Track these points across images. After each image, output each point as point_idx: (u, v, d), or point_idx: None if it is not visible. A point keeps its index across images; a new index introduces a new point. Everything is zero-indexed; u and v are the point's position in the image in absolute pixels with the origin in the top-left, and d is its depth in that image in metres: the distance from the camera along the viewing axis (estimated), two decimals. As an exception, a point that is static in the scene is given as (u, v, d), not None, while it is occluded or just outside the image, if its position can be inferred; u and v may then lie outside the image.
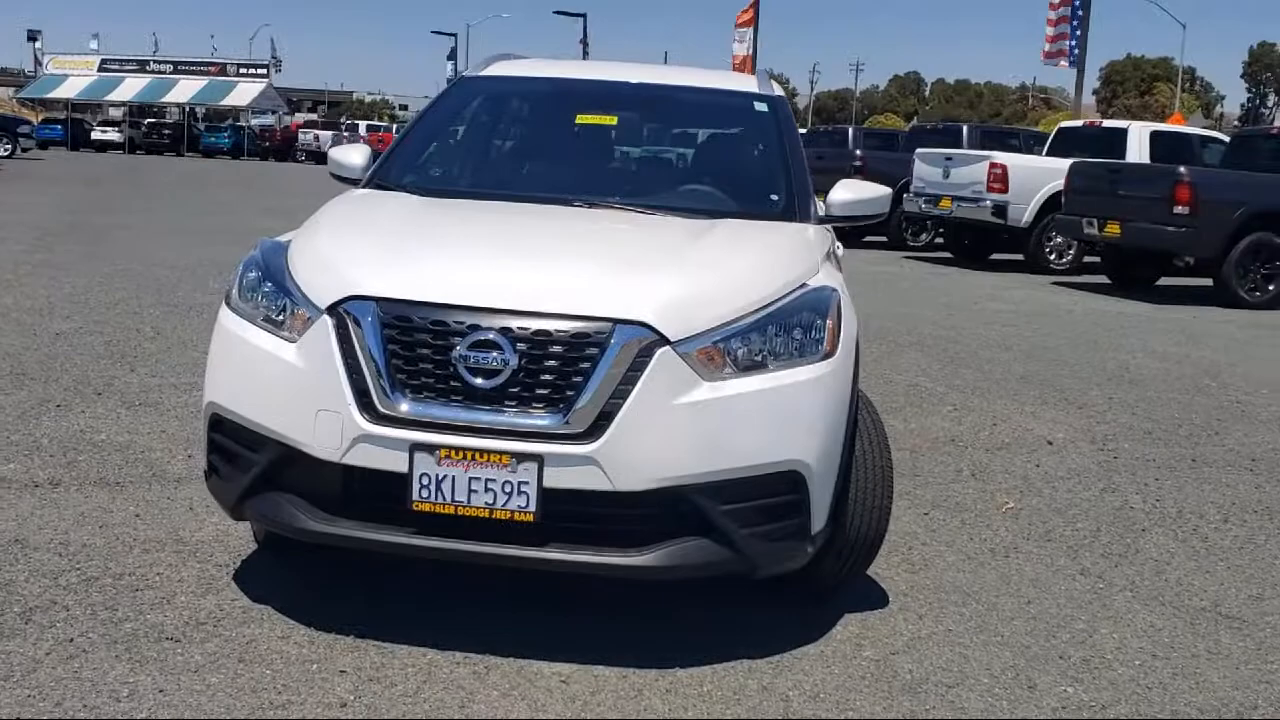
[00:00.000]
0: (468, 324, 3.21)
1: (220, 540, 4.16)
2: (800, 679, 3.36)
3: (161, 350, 7.43)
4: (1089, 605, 4.07)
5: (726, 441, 3.24)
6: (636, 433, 3.15)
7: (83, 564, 3.86)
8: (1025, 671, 3.51)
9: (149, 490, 4.67)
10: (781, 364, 3.37)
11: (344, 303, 3.30)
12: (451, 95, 4.95)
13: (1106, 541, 4.79)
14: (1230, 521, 5.18)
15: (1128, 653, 3.70)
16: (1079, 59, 27.43)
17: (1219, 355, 10.04)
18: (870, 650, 3.59)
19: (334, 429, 3.22)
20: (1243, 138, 17.24)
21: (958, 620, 3.87)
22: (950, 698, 3.31)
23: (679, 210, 4.19)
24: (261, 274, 3.62)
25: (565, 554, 3.21)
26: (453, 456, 3.16)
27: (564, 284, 3.34)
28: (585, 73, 5.10)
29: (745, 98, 4.88)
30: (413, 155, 4.67)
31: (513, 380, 3.18)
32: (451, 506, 3.18)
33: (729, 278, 3.53)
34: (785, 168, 4.51)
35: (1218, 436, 6.86)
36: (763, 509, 3.31)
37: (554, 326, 3.20)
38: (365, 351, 3.23)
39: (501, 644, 3.43)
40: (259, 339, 3.45)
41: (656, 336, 3.20)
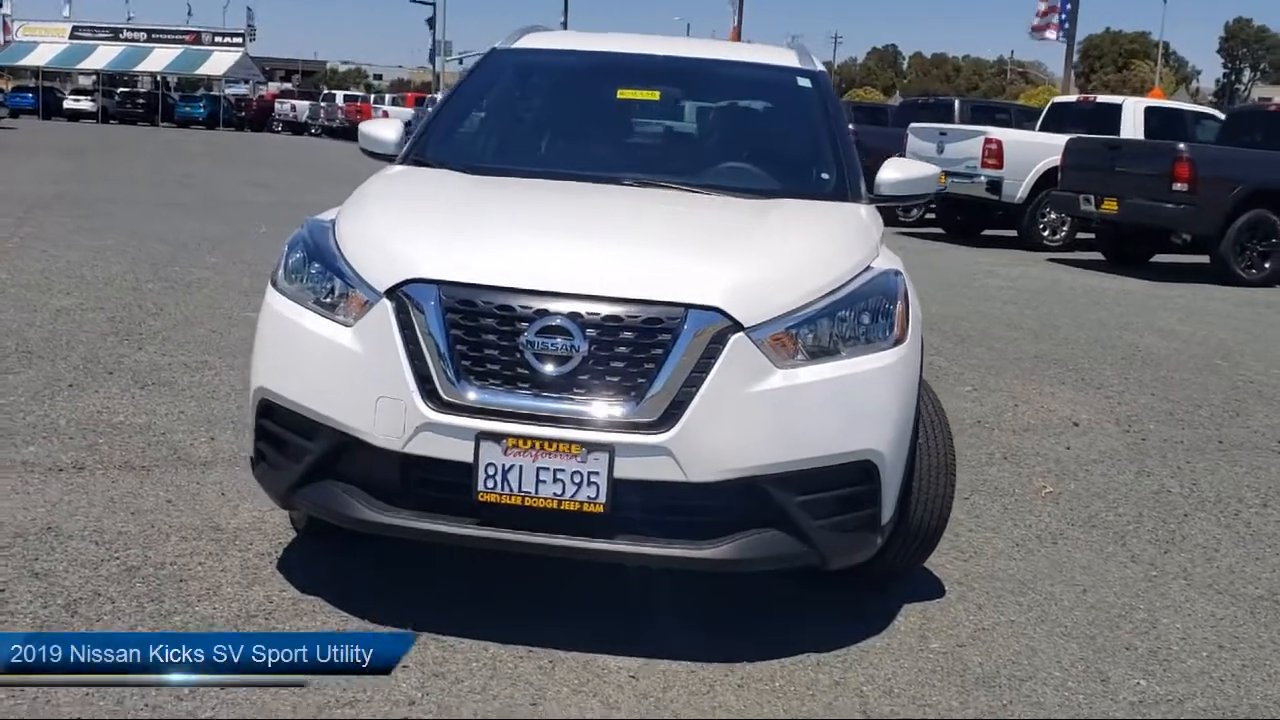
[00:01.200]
0: (535, 308, 3.09)
1: (258, 528, 4.04)
2: (871, 673, 3.29)
3: (167, 328, 7.26)
4: (1146, 594, 4.01)
5: (800, 431, 3.14)
6: (710, 422, 3.05)
7: (121, 553, 3.74)
8: (1095, 664, 3.45)
9: (176, 474, 4.54)
10: (853, 351, 3.27)
11: (404, 285, 3.17)
12: (484, 69, 4.79)
13: (1151, 527, 4.73)
14: (1270, 506, 5.13)
15: (1194, 643, 3.64)
16: (1069, 32, 27.40)
17: (1226, 334, 10.02)
18: (936, 642, 3.52)
19: (395, 417, 3.10)
20: (1239, 114, 17.25)
21: (1018, 610, 3.80)
22: (1025, 692, 3.25)
23: (732, 190, 4.08)
24: (309, 254, 3.49)
25: (634, 546, 3.11)
26: (520, 446, 3.05)
27: (633, 268, 3.23)
28: (620, 45, 4.96)
29: (788, 73, 4.76)
30: (450, 131, 4.52)
31: (582, 367, 3.07)
32: (518, 497, 3.07)
33: (798, 261, 3.43)
34: (834, 146, 4.40)
35: (1240, 418, 6.82)
36: (835, 500, 3.23)
37: (625, 312, 3.09)
38: (428, 337, 3.11)
39: (562, 638, 3.33)
40: (311, 322, 3.32)
41: (730, 322, 3.10)
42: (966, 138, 17.12)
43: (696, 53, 4.87)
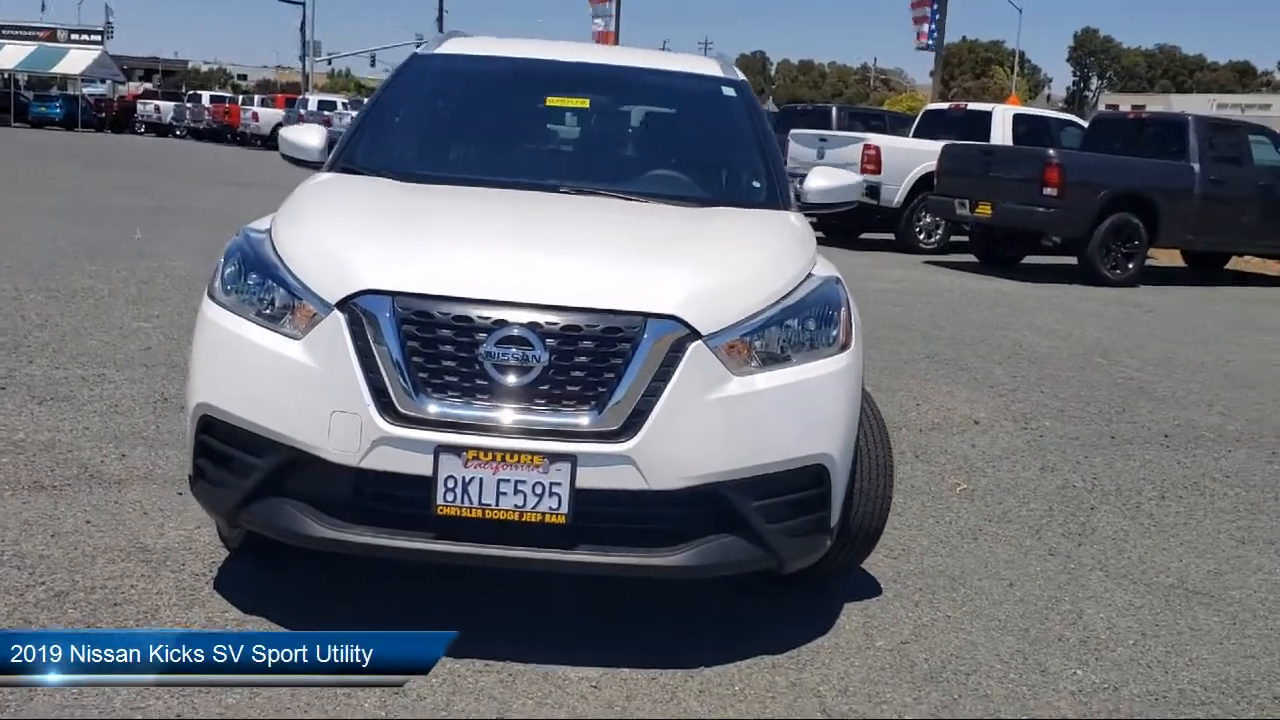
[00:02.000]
0: (493, 319, 3.07)
1: (188, 547, 3.92)
2: (825, 673, 3.36)
3: (55, 340, 6.96)
4: (1067, 586, 4.18)
5: (758, 437, 3.19)
6: (671, 430, 3.07)
7: (46, 578, 3.59)
8: (1032, 655, 3.58)
9: (91, 494, 4.37)
10: (803, 357, 3.33)
11: (356, 297, 3.12)
12: (407, 74, 4.73)
13: (1062, 521, 4.93)
14: (1167, 497, 5.39)
15: (1119, 632, 3.81)
16: (938, 40, 28.32)
17: (1100, 333, 10.45)
18: (881, 640, 3.61)
19: (350, 431, 3.05)
20: (1102, 121, 17.99)
21: (952, 606, 3.92)
22: (972, 685, 3.35)
23: (667, 198, 4.12)
24: (249, 265, 3.40)
25: (596, 556, 3.12)
26: (481, 458, 3.02)
27: (591, 277, 3.24)
28: (544, 52, 4.94)
29: (712, 81, 4.82)
30: (378, 138, 4.45)
31: (542, 377, 3.06)
32: (479, 510, 3.05)
33: (747, 270, 3.48)
34: (763, 154, 4.48)
35: (1126, 414, 7.13)
36: (789, 504, 3.28)
37: (584, 321, 3.10)
38: (383, 349, 3.06)
39: (518, 650, 3.31)
40: (256, 335, 3.24)
41: (688, 331, 3.13)
42: (846, 144, 17.49)
43: (621, 60, 4.90)
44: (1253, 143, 15.72)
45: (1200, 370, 8.83)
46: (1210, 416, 7.19)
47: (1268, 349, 10.21)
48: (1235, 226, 15.31)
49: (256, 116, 41.58)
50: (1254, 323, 12.13)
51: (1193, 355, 9.53)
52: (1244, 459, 6.18)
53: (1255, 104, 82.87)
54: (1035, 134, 18.22)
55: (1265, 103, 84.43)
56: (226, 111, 43.57)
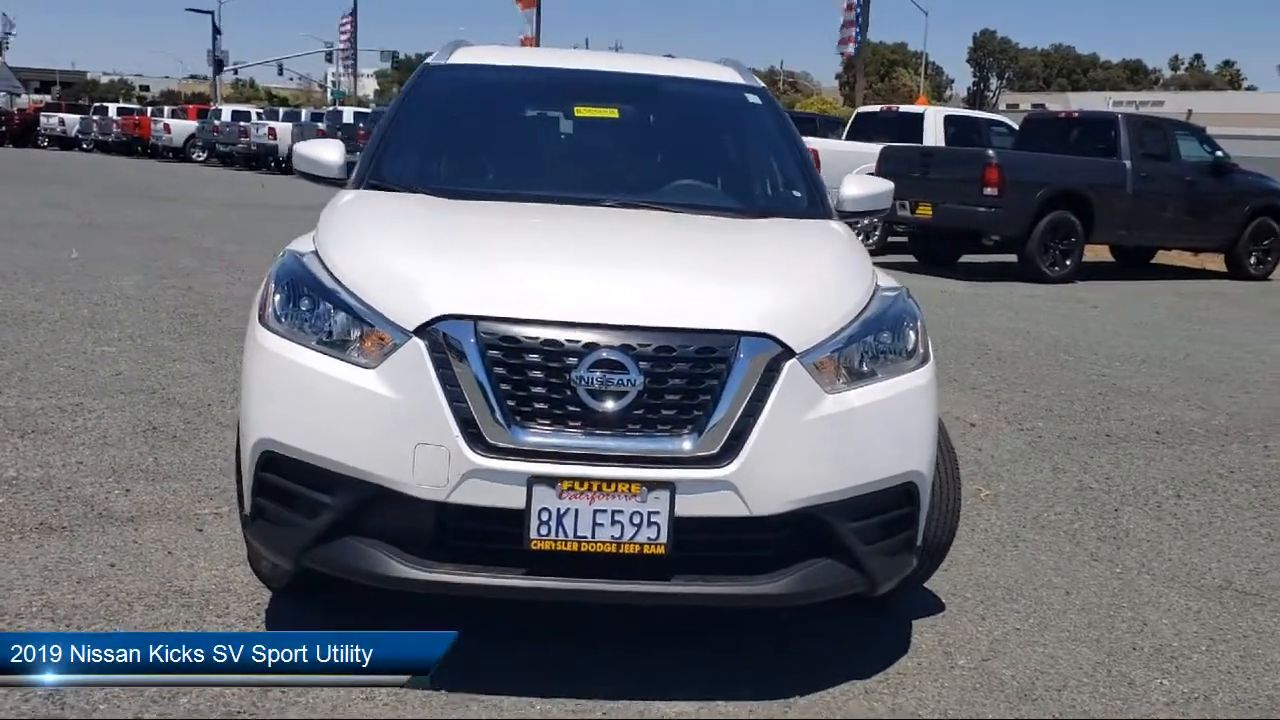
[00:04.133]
0: (583, 342, 2.93)
1: (226, 588, 3.70)
2: (919, 696, 3.27)
3: (19, 368, 6.59)
4: (1122, 592, 4.15)
5: (855, 456, 3.09)
6: (771, 452, 2.95)
7: (85, 629, 3.34)
8: (1114, 667, 3.53)
9: (105, 534, 4.11)
10: (887, 373, 3.24)
11: (436, 323, 2.95)
12: (425, 87, 4.53)
13: (1093, 524, 4.92)
14: (1183, 496, 5.42)
15: (1188, 639, 3.78)
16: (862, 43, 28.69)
17: (1055, 330, 10.57)
18: (963, 659, 3.53)
19: (437, 465, 2.88)
20: (1033, 121, 18.28)
21: (1018, 618, 3.86)
22: (1066, 701, 3.29)
23: (716, 210, 4.01)
24: (303, 289, 3.20)
25: (696, 586, 2.99)
26: (576, 488, 2.88)
27: (679, 295, 3.11)
28: (561, 61, 4.80)
29: (735, 90, 4.71)
30: (405, 153, 4.25)
31: (637, 402, 2.92)
32: (575, 543, 2.90)
33: (827, 284, 3.38)
34: (798, 162, 4.39)
35: (1111, 411, 7.19)
36: (882, 524, 3.19)
37: (678, 342, 2.96)
38: (469, 377, 2.90)
39: (595, 686, 3.18)
40: (322, 365, 3.04)
41: (782, 349, 3.01)
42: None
43: (642, 69, 4.76)
44: (1179, 139, 16.12)
45: (1165, 364, 8.96)
46: (1192, 411, 7.28)
47: (1219, 341, 10.42)
48: (1164, 222, 15.66)
49: (168, 128, 40.36)
50: (1195, 315, 12.39)
51: (1152, 349, 9.68)
52: (1241, 454, 6.25)
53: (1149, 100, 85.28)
54: (965, 135, 18.46)
55: (1158, 99, 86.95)
56: (136, 124, 42.19)
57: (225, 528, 4.21)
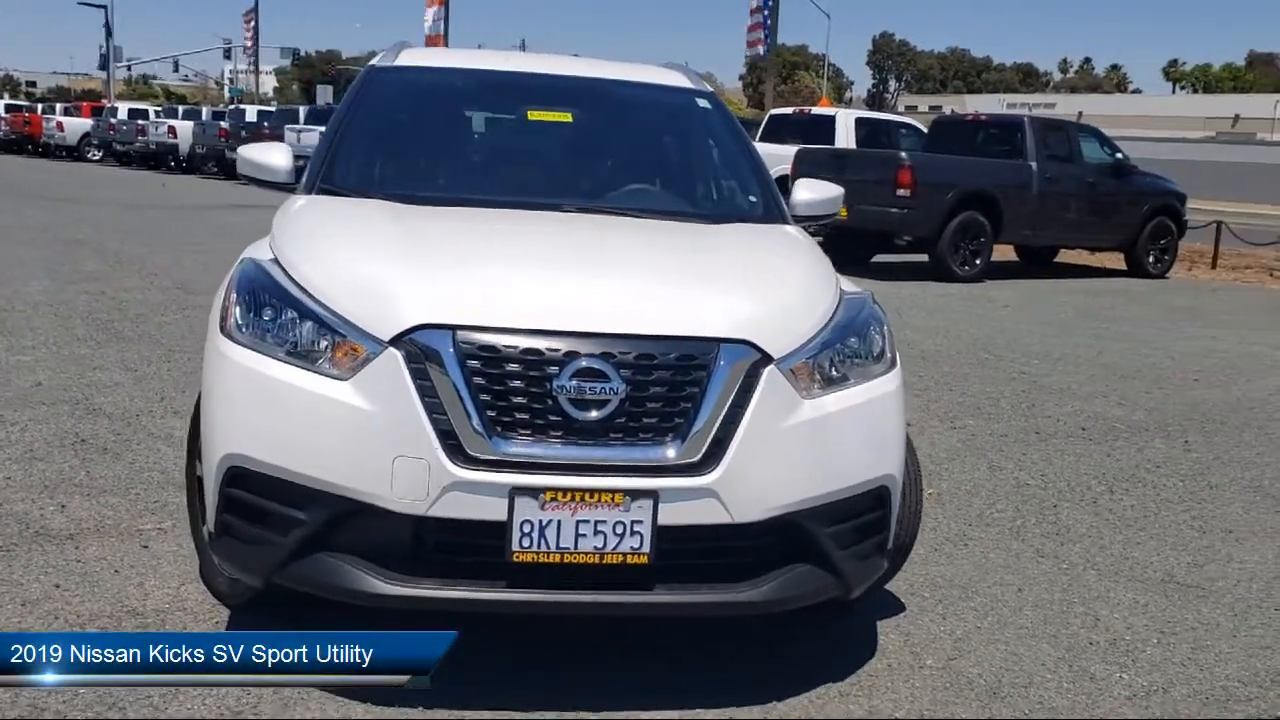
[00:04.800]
0: (564, 350, 2.89)
1: (180, 607, 3.58)
2: (894, 698, 3.30)
3: (-73, 378, 6.33)
4: (1071, 588, 4.25)
5: (832, 462, 3.11)
6: (752, 459, 2.95)
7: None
8: (1074, 662, 3.61)
9: (45, 553, 3.95)
10: (859, 377, 3.27)
11: (412, 333, 2.89)
12: (373, 89, 4.42)
13: (1034, 521, 5.02)
14: (1115, 491, 5.56)
15: (1140, 632, 3.88)
16: (770, 44, 28.97)
17: (973, 328, 10.79)
18: (930, 659, 3.57)
19: (416, 478, 2.82)
20: (942, 124, 18.63)
21: (976, 616, 3.93)
22: (1035, 698, 3.35)
23: (675, 215, 4.01)
24: (266, 298, 3.11)
25: (678, 595, 2.98)
26: (559, 499, 2.84)
27: (657, 303, 3.09)
28: (506, 64, 4.74)
29: (686, 94, 4.71)
30: (358, 157, 4.16)
31: (619, 410, 2.90)
32: (557, 554, 2.87)
33: (797, 289, 3.40)
34: (752, 167, 4.40)
35: (1037, 408, 7.36)
36: (855, 528, 3.21)
37: (658, 349, 2.95)
38: (448, 388, 2.84)
39: (577, 694, 3.15)
40: (291, 376, 2.96)
41: (760, 355, 3.02)
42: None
43: (591, 72, 4.73)
44: (1082, 141, 16.58)
45: (1080, 362, 9.20)
46: (1113, 408, 7.49)
47: (1126, 338, 10.73)
48: (1068, 222, 16.12)
49: (61, 126, 39.03)
50: (1100, 313, 12.74)
51: (1065, 347, 9.93)
52: (1164, 449, 6.44)
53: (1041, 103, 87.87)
54: (875, 137, 18.79)
55: (1050, 101, 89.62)
56: (27, 121, 40.66)
57: (171, 544, 4.09)
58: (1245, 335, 11.39)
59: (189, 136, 32.16)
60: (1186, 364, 9.40)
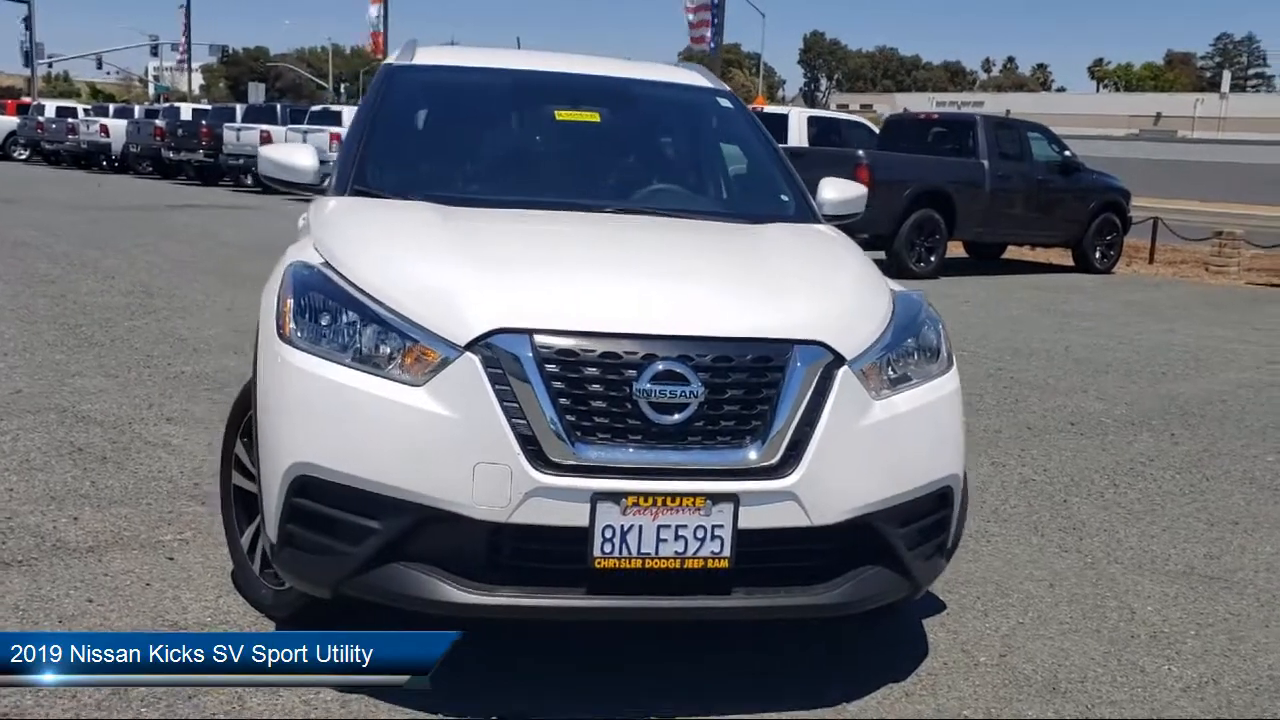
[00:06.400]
0: (642, 354, 2.85)
1: (223, 620, 3.48)
2: (958, 696, 3.30)
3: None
4: (1099, 581, 4.29)
5: (904, 462, 3.10)
6: (829, 461, 2.93)
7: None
8: (1120, 656, 3.64)
9: (69, 567, 3.82)
10: (920, 377, 3.26)
11: (489, 337, 2.83)
12: (397, 88, 4.32)
13: (1049, 517, 5.07)
14: (1119, 485, 5.64)
15: (1176, 624, 3.93)
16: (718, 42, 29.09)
17: (940, 325, 10.87)
18: (982, 656, 3.58)
19: (498, 485, 2.76)
20: (894, 122, 18.80)
21: (1016, 613, 3.95)
22: (1093, 693, 3.37)
23: (717, 215, 3.99)
24: (324, 302, 3.03)
25: (756, 600, 2.95)
26: (641, 504, 2.80)
27: (728, 305, 3.06)
28: (525, 63, 4.67)
29: (707, 93, 4.69)
30: (388, 158, 4.06)
31: (698, 413, 2.86)
32: (638, 560, 2.82)
33: (858, 289, 3.39)
34: (780, 166, 4.39)
35: (1022, 404, 7.45)
36: (922, 529, 3.21)
37: (735, 351, 2.92)
38: (527, 393, 2.79)
39: (659, 701, 3.12)
40: (362, 383, 2.88)
41: (834, 356, 3.00)
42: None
43: (612, 72, 4.68)
44: (1031, 140, 16.84)
45: (1052, 357, 9.34)
46: (1094, 402, 7.61)
47: (1089, 333, 10.92)
48: (1018, 219, 16.38)
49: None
50: (1058, 308, 12.95)
51: (1033, 343, 10.08)
52: (1153, 442, 6.55)
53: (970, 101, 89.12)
54: (827, 135, 18.88)
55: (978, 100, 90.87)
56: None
57: (197, 555, 3.98)
58: (1198, 329, 11.65)
59: (122, 136, 31.41)
60: (1151, 358, 9.59)
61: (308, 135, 23.76)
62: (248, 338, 8.03)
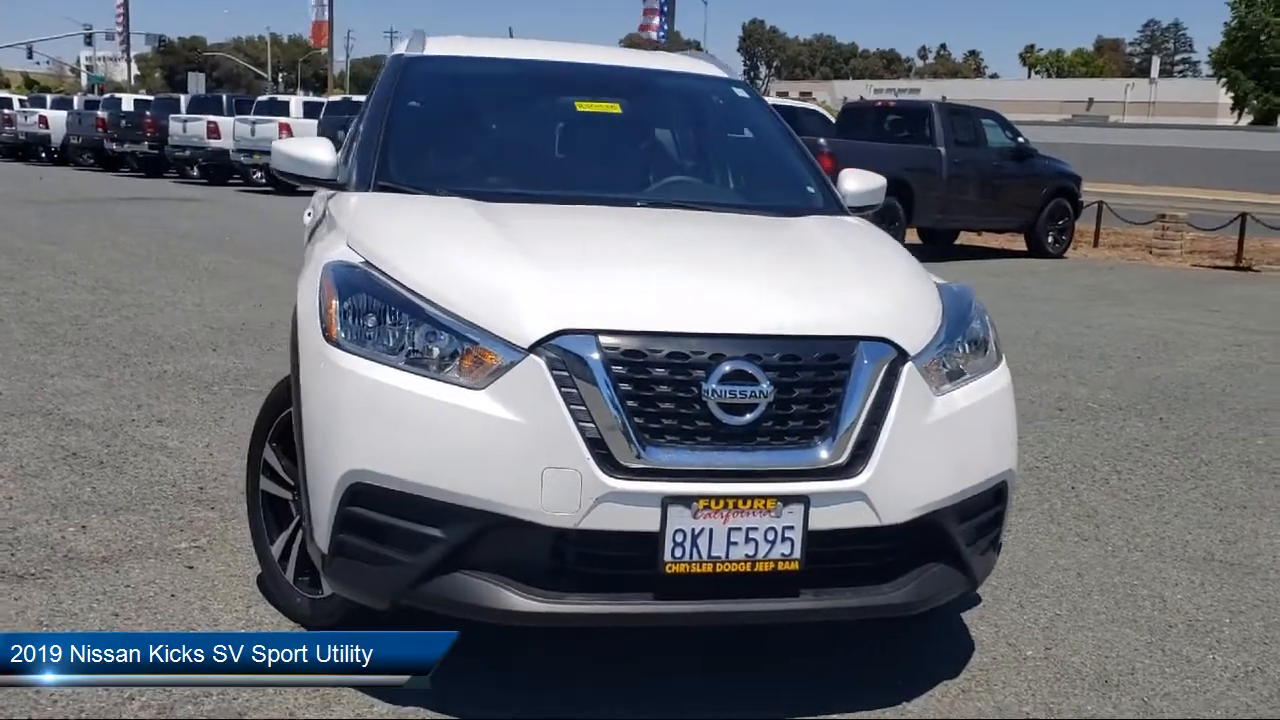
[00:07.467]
0: (709, 353, 2.78)
1: (256, 629, 3.36)
2: (1014, 691, 3.28)
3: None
4: (1124, 570, 4.30)
5: (967, 458, 3.07)
6: (897, 459, 2.89)
7: (129, 690, 2.97)
8: (1165, 646, 3.64)
9: (85, 579, 3.67)
10: (975, 372, 3.23)
11: (554, 339, 2.74)
12: (409, 81, 4.19)
13: (1061, 505, 5.08)
14: (1121, 471, 5.67)
15: (1210, 611, 3.95)
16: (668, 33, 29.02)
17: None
18: (1029, 650, 3.57)
19: (568, 490, 2.68)
20: (851, 110, 18.85)
21: (1051, 604, 3.94)
22: (1146, 684, 3.37)
23: (749, 208, 3.94)
24: (375, 303, 2.92)
25: (825, 601, 2.90)
26: (712, 507, 2.74)
27: (791, 303, 2.99)
28: (539, 53, 4.57)
29: (723, 84, 4.62)
30: (411, 151, 3.94)
31: (767, 413, 2.80)
32: (709, 564, 2.76)
33: (911, 284, 3.34)
34: (802, 157, 4.34)
35: (1008, 391, 7.47)
36: (979, 525, 3.18)
37: (801, 350, 2.86)
38: (595, 395, 2.71)
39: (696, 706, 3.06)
40: (419, 386, 2.78)
41: (898, 353, 2.95)
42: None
43: (628, 62, 4.60)
44: (985, 127, 16.98)
45: (1024, 342, 9.39)
46: (1077, 387, 7.66)
47: (1055, 317, 11.04)
48: (974, 205, 16.52)
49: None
50: (1018, 293, 13.08)
51: (1003, 328, 9.73)
52: (1144, 428, 6.61)
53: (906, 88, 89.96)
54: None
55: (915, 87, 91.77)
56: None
57: (217, 563, 3.85)
58: (1158, 312, 11.83)
59: (62, 127, 30.63)
60: (1121, 341, 9.69)
61: (255, 126, 23.33)
62: (224, 335, 7.93)
